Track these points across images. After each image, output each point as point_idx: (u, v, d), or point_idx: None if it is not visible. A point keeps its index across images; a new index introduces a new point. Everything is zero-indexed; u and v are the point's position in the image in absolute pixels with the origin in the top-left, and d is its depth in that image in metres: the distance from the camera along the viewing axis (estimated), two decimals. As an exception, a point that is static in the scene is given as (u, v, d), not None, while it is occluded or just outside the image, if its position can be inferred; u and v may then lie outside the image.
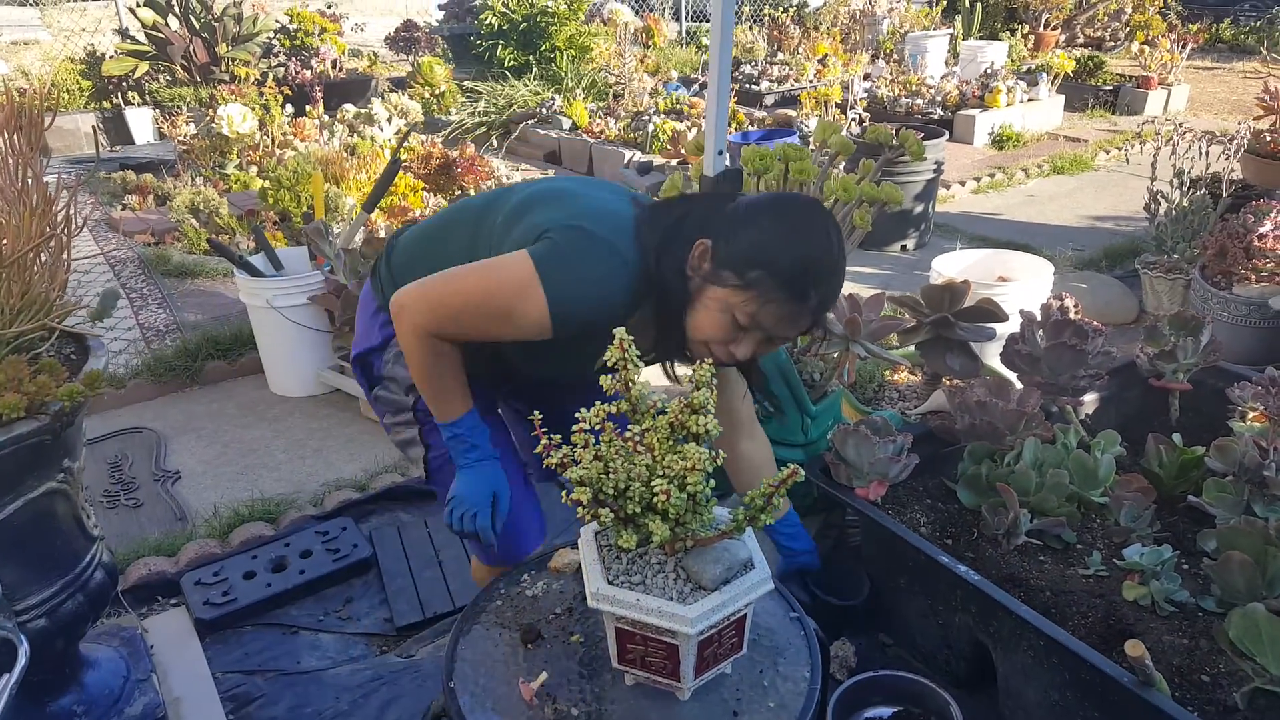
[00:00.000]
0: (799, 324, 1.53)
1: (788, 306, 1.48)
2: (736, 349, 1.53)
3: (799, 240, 1.49)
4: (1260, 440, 2.20)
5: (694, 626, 1.28)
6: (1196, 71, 10.64)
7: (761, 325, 1.50)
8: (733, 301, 1.49)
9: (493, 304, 1.51)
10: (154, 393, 3.99)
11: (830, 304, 1.55)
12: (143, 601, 2.68)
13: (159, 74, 8.23)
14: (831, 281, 1.52)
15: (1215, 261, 3.75)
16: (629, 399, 1.36)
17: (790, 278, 1.46)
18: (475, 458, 1.70)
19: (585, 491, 1.28)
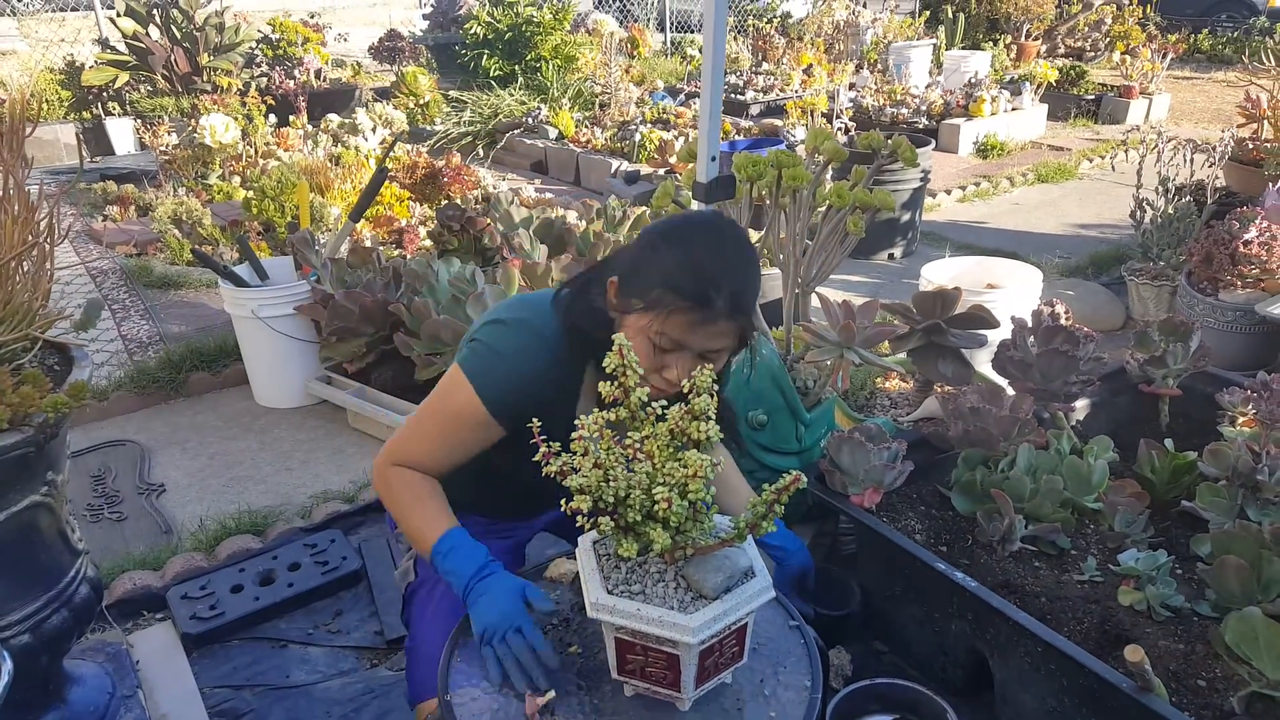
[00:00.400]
0: (714, 329, 1.48)
1: (693, 314, 1.45)
2: (669, 373, 1.50)
3: (690, 249, 1.49)
4: (1253, 445, 2.20)
5: (695, 636, 1.26)
6: (1176, 81, 10.74)
7: (678, 341, 1.48)
8: (645, 325, 1.48)
9: (439, 412, 1.63)
10: (137, 405, 3.95)
11: (744, 305, 1.49)
12: (128, 616, 2.64)
13: (140, 84, 8.18)
14: (733, 281, 1.47)
15: (1201, 268, 3.77)
16: (628, 406, 1.34)
17: (687, 286, 1.45)
18: (481, 573, 1.51)
19: (585, 500, 1.26)
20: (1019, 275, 3.77)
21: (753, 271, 1.54)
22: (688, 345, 1.48)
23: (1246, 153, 5.04)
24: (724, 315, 1.46)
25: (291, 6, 11.09)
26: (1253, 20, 12.45)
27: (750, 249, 1.55)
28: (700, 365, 1.45)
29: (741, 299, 1.48)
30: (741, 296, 1.48)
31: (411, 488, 1.63)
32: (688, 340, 1.48)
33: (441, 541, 1.54)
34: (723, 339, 1.50)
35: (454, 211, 4.36)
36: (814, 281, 2.73)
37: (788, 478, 1.27)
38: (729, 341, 1.51)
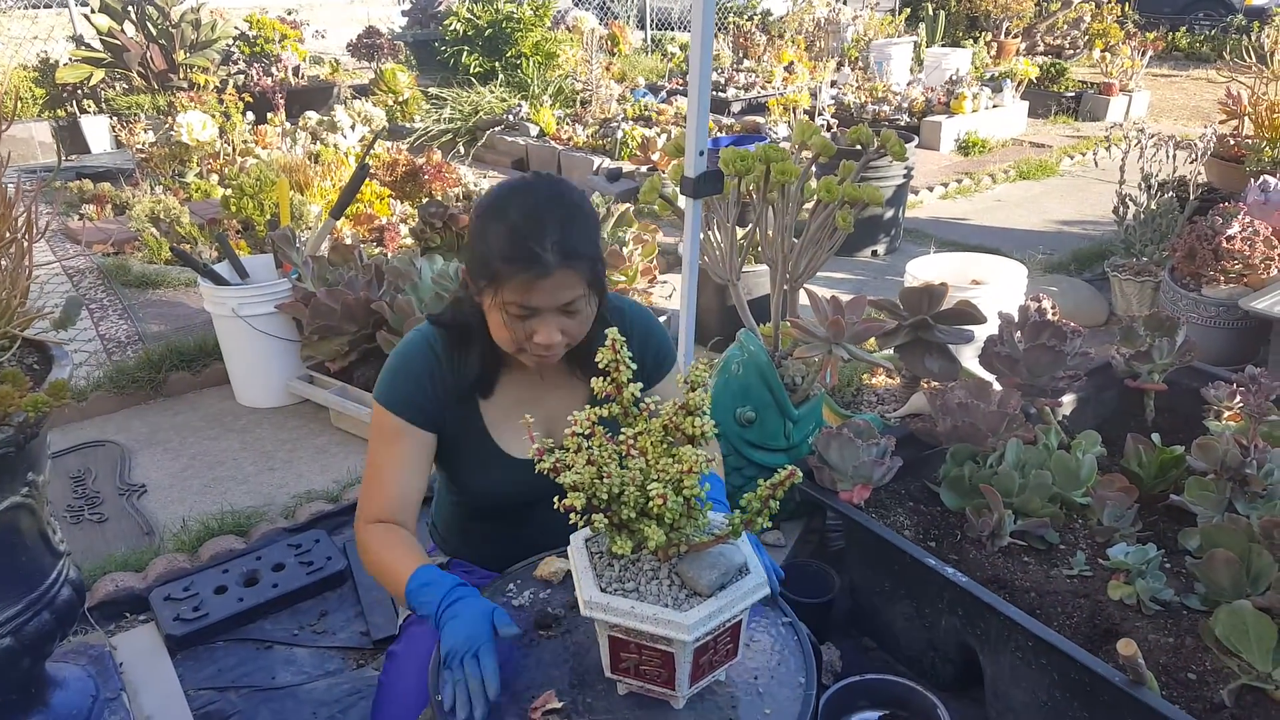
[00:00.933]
0: (553, 283, 1.47)
1: (526, 274, 1.45)
2: (538, 337, 1.51)
3: (506, 215, 1.50)
4: (1241, 438, 2.21)
5: (690, 634, 1.24)
6: (1155, 78, 10.82)
7: (528, 305, 1.49)
8: (496, 302, 1.50)
9: (373, 445, 1.67)
10: (116, 405, 3.90)
11: (572, 249, 1.47)
12: (111, 618, 2.60)
13: (115, 81, 8.08)
14: (553, 231, 1.46)
15: (1184, 263, 3.79)
16: (621, 402, 1.33)
17: (511, 251, 1.46)
18: (451, 598, 1.44)
19: (579, 497, 1.24)
20: (1004, 271, 3.78)
21: (574, 214, 1.51)
22: (539, 306, 1.49)
23: (1228, 149, 5.08)
24: (556, 265, 1.45)
25: (269, 3, 11.00)
26: (1229, 18, 12.56)
27: (570, 194, 1.54)
28: (566, 321, 1.51)
29: (567, 244, 1.46)
30: (566, 242, 1.46)
31: (380, 538, 1.60)
32: (535, 301, 1.48)
33: (413, 578, 1.49)
34: (568, 289, 1.49)
35: (436, 208, 4.33)
36: (802, 278, 2.72)
37: (783, 472, 1.25)
38: (577, 290, 1.50)
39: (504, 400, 1.71)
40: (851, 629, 2.47)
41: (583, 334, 1.58)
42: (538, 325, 1.51)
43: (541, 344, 1.52)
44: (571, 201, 1.53)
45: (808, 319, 2.65)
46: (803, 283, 2.74)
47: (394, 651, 1.75)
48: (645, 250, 4.25)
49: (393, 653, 1.76)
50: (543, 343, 1.52)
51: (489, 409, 1.70)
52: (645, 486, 1.25)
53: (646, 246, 4.28)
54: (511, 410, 1.70)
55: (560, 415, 1.70)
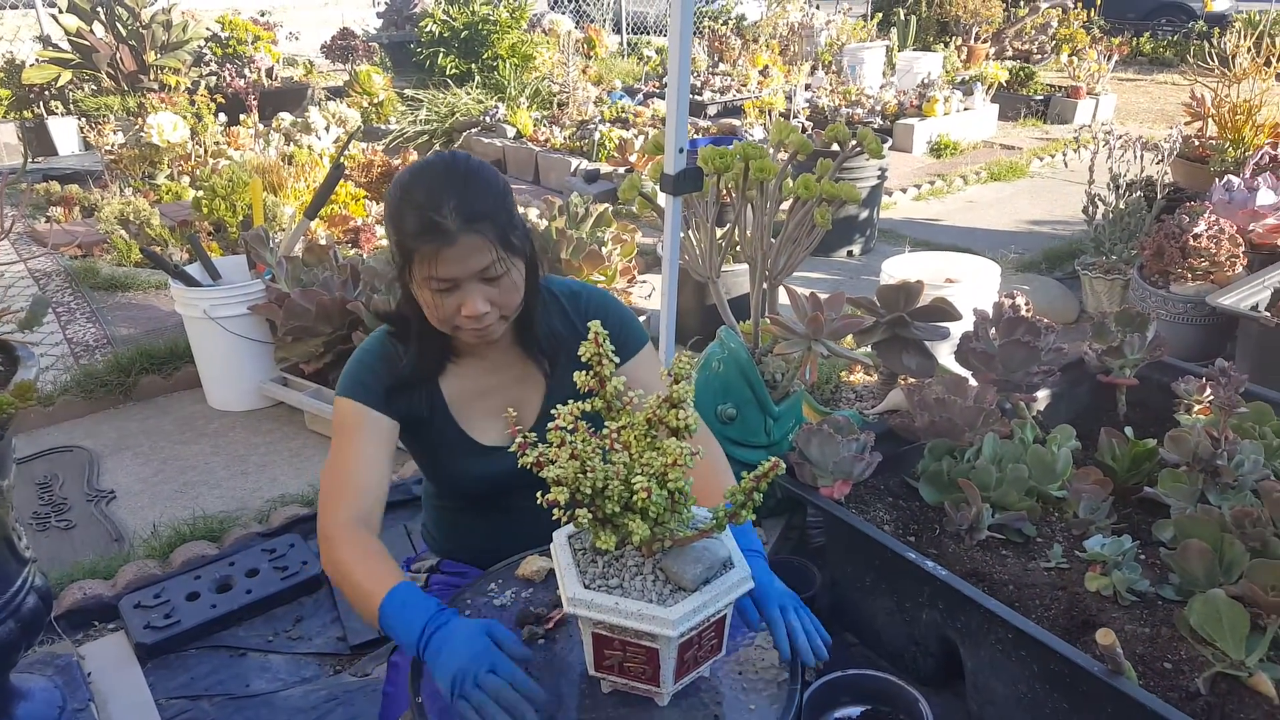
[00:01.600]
0: (463, 249, 1.46)
1: (433, 244, 1.45)
2: (466, 309, 1.50)
3: (407, 192, 1.49)
4: (1212, 430, 2.24)
5: (675, 629, 1.24)
6: (1121, 82, 10.95)
7: (446, 277, 1.47)
8: (419, 279, 1.50)
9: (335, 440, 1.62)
10: (85, 410, 3.84)
11: (474, 212, 1.46)
12: (78, 627, 2.57)
13: (84, 82, 7.98)
14: (450, 197, 1.45)
15: (1153, 261, 3.83)
16: (604, 396, 1.32)
17: (414, 224, 1.46)
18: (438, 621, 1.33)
19: (563, 491, 1.23)
20: (978, 270, 3.81)
21: (470, 180, 1.50)
22: (455, 276, 1.47)
23: (1193, 150, 5.15)
24: (459, 231, 1.44)
25: (241, 5, 10.90)
26: (1191, 24, 12.75)
27: (466, 163, 1.53)
28: (490, 290, 1.49)
29: (467, 208, 1.45)
30: (466, 206, 1.45)
31: (350, 546, 1.48)
32: (448, 271, 1.46)
33: (389, 599, 1.37)
34: (479, 253, 1.47)
35: (411, 210, 4.30)
36: (781, 275, 2.72)
37: (765, 465, 1.25)
38: (487, 254, 1.48)
39: (465, 387, 1.69)
40: (833, 624, 2.45)
41: (513, 304, 1.56)
42: (463, 298, 1.49)
43: (469, 316, 1.50)
44: (468, 169, 1.52)
45: (787, 316, 2.65)
46: (781, 280, 2.75)
47: (396, 661, 1.73)
48: (624, 250, 4.25)
49: (395, 663, 1.73)
50: (469, 314, 1.50)
51: (452, 397, 1.68)
52: (629, 480, 1.25)
53: (625, 246, 4.27)
54: (474, 397, 1.69)
55: (524, 400, 1.70)
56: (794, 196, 2.57)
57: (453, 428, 1.69)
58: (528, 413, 1.71)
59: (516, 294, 1.56)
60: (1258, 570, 1.79)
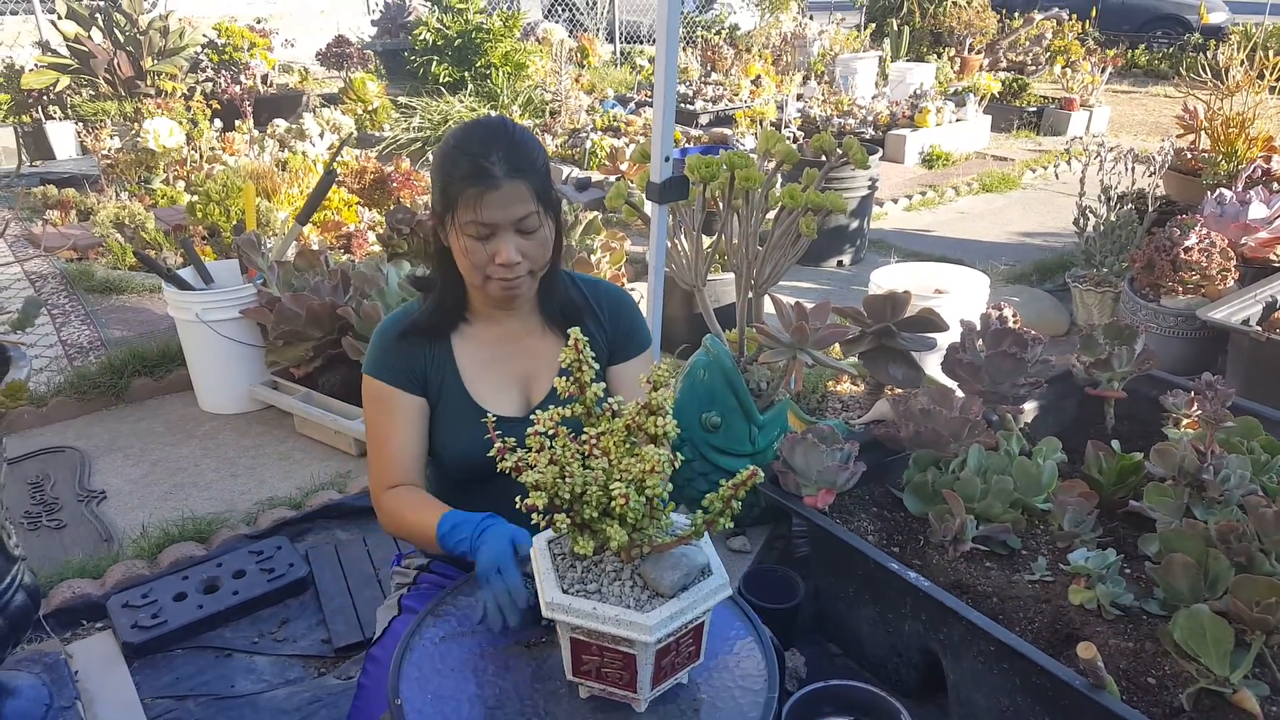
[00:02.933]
0: (505, 194, 1.55)
1: (479, 186, 1.54)
2: (499, 257, 1.58)
3: (454, 143, 1.61)
4: (1198, 444, 2.25)
5: (652, 635, 1.24)
6: (1115, 94, 11.00)
7: (485, 221, 1.56)
8: (456, 226, 1.59)
9: (369, 417, 1.75)
10: (77, 411, 3.84)
11: (520, 162, 1.57)
12: (67, 626, 2.56)
13: (81, 88, 7.99)
14: (498, 146, 1.56)
15: (1143, 274, 3.85)
16: (584, 402, 1.33)
17: (462, 167, 1.56)
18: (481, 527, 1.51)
19: (541, 496, 1.24)
20: (966, 281, 3.82)
21: (518, 137, 1.61)
22: (495, 222, 1.56)
23: (1185, 162, 5.17)
24: (505, 176, 1.54)
25: (238, 12, 10.94)
26: (1187, 36, 12.81)
27: (514, 125, 1.64)
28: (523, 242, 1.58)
29: (515, 157, 1.56)
30: (514, 154, 1.56)
31: (398, 500, 1.67)
32: (491, 216, 1.55)
33: (441, 523, 1.55)
34: (521, 202, 1.57)
35: (404, 214, 4.31)
36: (766, 284, 2.73)
37: (744, 473, 1.25)
38: (529, 204, 1.57)
39: (478, 354, 1.75)
40: (817, 635, 2.48)
41: (542, 260, 1.65)
42: (498, 245, 1.58)
43: (502, 264, 1.58)
44: (517, 128, 1.64)
45: (773, 325, 2.66)
46: (767, 289, 2.75)
47: (375, 655, 1.74)
48: (614, 258, 4.26)
49: (374, 655, 1.74)
50: (503, 262, 1.58)
51: (464, 362, 1.74)
52: (608, 486, 1.25)
53: (614, 254, 4.28)
54: (485, 365, 1.75)
55: (535, 373, 1.77)
56: (780, 206, 2.58)
57: (463, 394, 1.74)
58: (538, 387, 1.78)
59: (545, 251, 1.65)
60: (1242, 586, 1.79)
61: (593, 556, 1.34)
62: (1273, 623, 1.72)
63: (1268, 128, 5.13)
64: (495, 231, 1.57)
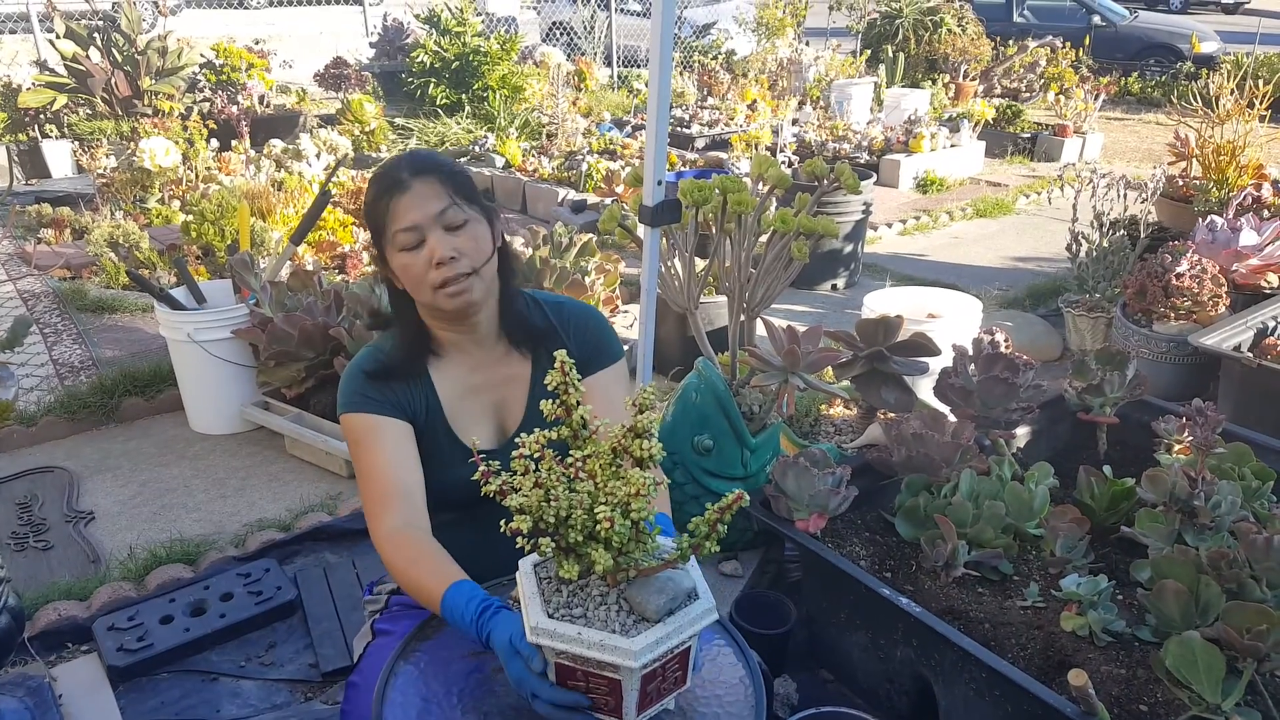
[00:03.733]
0: (419, 194, 1.60)
1: (394, 194, 1.60)
2: (436, 257, 1.60)
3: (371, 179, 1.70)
4: (1189, 471, 2.24)
5: (637, 660, 1.23)
6: (1108, 121, 11.06)
7: (410, 225, 1.59)
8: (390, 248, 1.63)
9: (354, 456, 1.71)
10: (67, 431, 3.82)
11: (424, 164, 1.63)
12: (51, 648, 2.54)
13: (79, 107, 8.01)
14: (405, 157, 1.66)
15: (1135, 300, 3.86)
16: (569, 424, 1.32)
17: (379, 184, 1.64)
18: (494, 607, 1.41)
19: (525, 520, 1.23)
20: (959, 305, 3.83)
21: (423, 150, 1.73)
22: (416, 221, 1.59)
23: (1177, 189, 5.20)
24: (412, 176, 1.60)
25: (237, 32, 10.98)
26: (1179, 65, 12.90)
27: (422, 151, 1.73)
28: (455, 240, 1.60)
29: (417, 161, 1.64)
30: (416, 160, 1.64)
31: (402, 552, 1.55)
32: (410, 217, 1.59)
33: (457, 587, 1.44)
34: (435, 198, 1.60)
35: (398, 237, 4.31)
36: (759, 307, 2.73)
37: (730, 497, 1.25)
38: (443, 199, 1.61)
39: (454, 388, 1.74)
40: (809, 660, 2.46)
41: (481, 256, 1.64)
42: (429, 247, 1.60)
43: (439, 261, 1.59)
44: (421, 151, 1.73)
45: (765, 348, 2.66)
46: (759, 312, 2.76)
47: (354, 682, 1.72)
48: (608, 280, 4.26)
49: (353, 683, 1.72)
50: (439, 259, 1.59)
51: (445, 397, 1.73)
52: (593, 510, 1.24)
53: (609, 276, 4.29)
54: (463, 397, 1.74)
55: (507, 401, 1.77)
56: (771, 230, 2.59)
57: (445, 430, 1.73)
58: (513, 412, 1.77)
59: (481, 247, 1.65)
60: (1233, 612, 1.78)
61: (578, 580, 1.33)
62: (1264, 650, 1.71)
63: (1258, 156, 5.17)
64: (422, 234, 1.60)
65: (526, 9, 15.15)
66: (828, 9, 12.07)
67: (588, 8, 13.07)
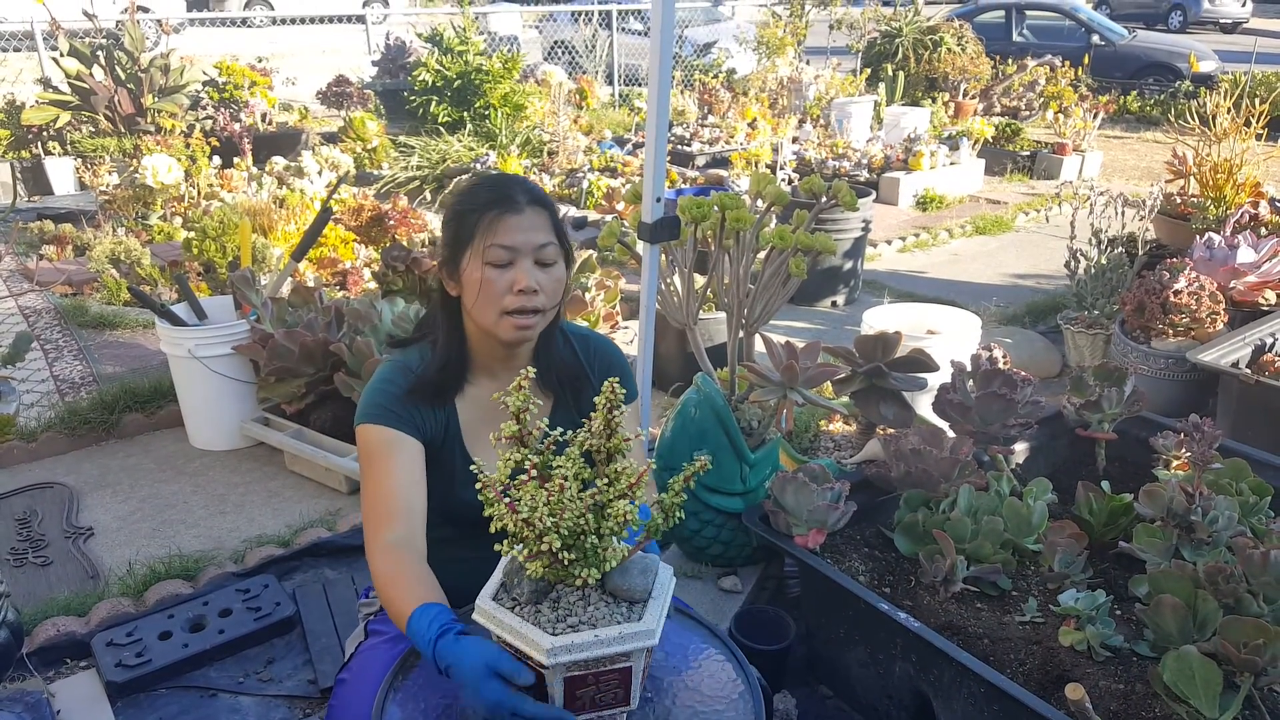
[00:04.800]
0: (527, 220, 1.61)
1: (501, 210, 1.60)
2: (518, 285, 1.60)
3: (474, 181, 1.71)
4: (1186, 486, 2.25)
5: (655, 638, 1.27)
6: (1107, 139, 11.11)
7: (506, 245, 1.59)
8: (475, 258, 1.61)
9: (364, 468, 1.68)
10: (67, 446, 3.82)
11: (541, 197, 1.66)
12: (50, 664, 2.54)
13: (82, 124, 8.06)
14: (520, 181, 1.66)
15: (1134, 317, 3.87)
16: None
17: (485, 196, 1.62)
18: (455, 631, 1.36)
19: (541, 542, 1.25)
20: (959, 322, 3.84)
21: (532, 182, 1.70)
22: (515, 247, 1.60)
23: (1175, 207, 5.22)
24: (528, 203, 1.62)
25: (240, 50, 11.05)
26: (1177, 84, 12.95)
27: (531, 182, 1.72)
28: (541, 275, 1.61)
29: (535, 191, 1.65)
30: (533, 191, 1.65)
31: (387, 569, 1.53)
32: (514, 239, 1.60)
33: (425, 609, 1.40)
34: (542, 231, 1.62)
35: (399, 252, 4.33)
36: (757, 323, 2.74)
37: (696, 462, 1.31)
38: (548, 235, 1.63)
39: (477, 413, 1.74)
40: (808, 676, 2.46)
41: (554, 299, 1.66)
42: (517, 273, 1.60)
43: (521, 290, 1.59)
44: (530, 181, 1.72)
45: (764, 364, 2.67)
46: (758, 328, 2.77)
47: (343, 679, 1.73)
48: (608, 296, 4.27)
49: (342, 680, 1.73)
50: (523, 288, 1.59)
51: (465, 422, 1.74)
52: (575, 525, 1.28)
53: (609, 292, 4.30)
54: (484, 423, 1.73)
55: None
56: (770, 246, 2.60)
57: (461, 451, 1.74)
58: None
59: (558, 292, 1.68)
60: (1230, 627, 1.78)
61: (550, 594, 1.35)
62: (1261, 664, 1.71)
63: (1255, 174, 5.19)
64: (516, 258, 1.60)
65: (529, 28, 15.23)
66: (828, 28, 12.13)
67: (589, 27, 13.15)
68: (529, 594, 1.34)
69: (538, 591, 1.34)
